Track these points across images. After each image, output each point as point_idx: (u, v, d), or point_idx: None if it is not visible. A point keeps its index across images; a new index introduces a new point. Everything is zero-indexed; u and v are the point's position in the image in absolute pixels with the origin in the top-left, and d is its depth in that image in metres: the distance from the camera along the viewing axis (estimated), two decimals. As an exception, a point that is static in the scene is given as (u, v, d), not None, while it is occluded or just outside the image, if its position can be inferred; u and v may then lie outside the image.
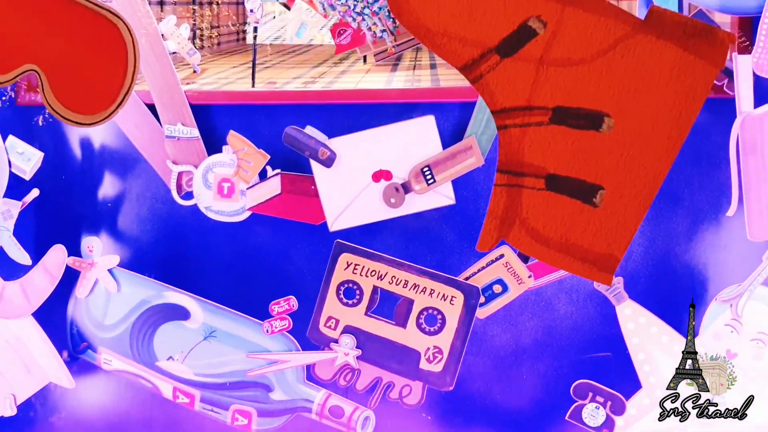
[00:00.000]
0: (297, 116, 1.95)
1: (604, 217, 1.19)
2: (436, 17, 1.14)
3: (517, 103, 1.15)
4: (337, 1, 2.45)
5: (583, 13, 1.09)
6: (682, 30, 1.12)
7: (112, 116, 1.30)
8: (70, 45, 1.25)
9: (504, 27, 1.12)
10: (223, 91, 1.94)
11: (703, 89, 1.12)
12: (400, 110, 1.84)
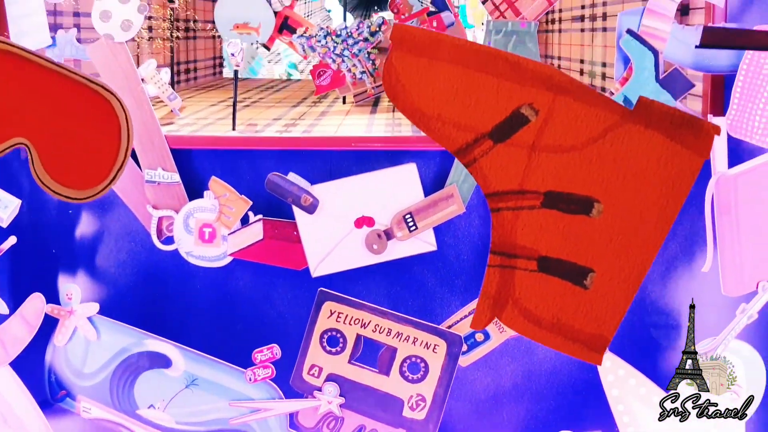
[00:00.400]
0: (279, 161, 1.96)
1: (595, 298, 1.23)
2: (430, 102, 1.16)
3: (510, 187, 1.18)
4: (317, 42, 2.46)
5: (574, 102, 1.13)
6: (669, 121, 1.17)
7: (103, 192, 1.30)
8: (61, 119, 1.24)
9: (497, 113, 1.15)
10: (204, 136, 1.93)
11: (689, 178, 1.16)
12: (382, 157, 1.86)
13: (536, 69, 1.14)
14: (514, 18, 1.74)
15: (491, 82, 1.13)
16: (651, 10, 1.61)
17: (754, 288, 1.54)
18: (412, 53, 1.17)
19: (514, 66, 1.13)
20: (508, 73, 1.13)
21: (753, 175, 1.48)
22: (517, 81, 1.13)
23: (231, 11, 2.31)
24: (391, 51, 1.22)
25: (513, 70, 1.13)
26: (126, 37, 1.90)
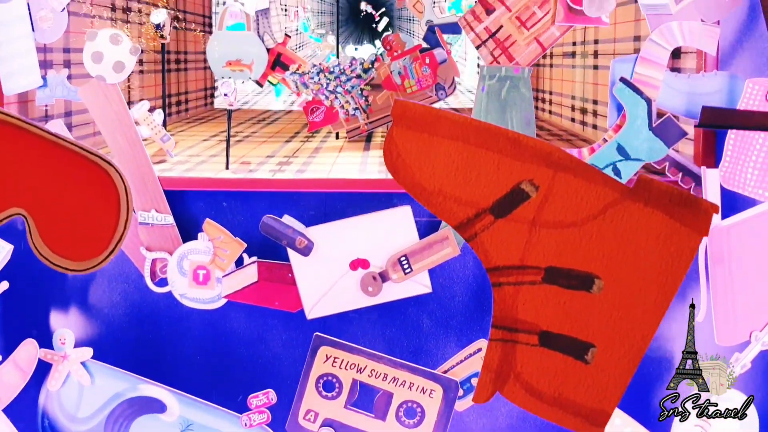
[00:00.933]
0: (273, 203, 1.95)
1: (596, 373, 1.23)
2: (431, 177, 1.17)
3: (511, 262, 1.18)
4: (310, 79, 2.46)
5: (574, 179, 1.13)
6: (668, 198, 1.18)
7: (103, 264, 1.29)
8: (60, 190, 1.24)
9: (497, 189, 1.15)
10: (197, 177, 1.93)
11: (689, 255, 1.18)
12: (377, 199, 1.86)
13: (536, 146, 1.15)
14: (507, 63, 1.75)
15: (492, 158, 1.13)
16: (644, 58, 1.62)
17: (747, 338, 1.56)
18: (413, 129, 1.17)
19: (514, 142, 1.14)
20: (508, 150, 1.14)
21: (746, 226, 1.49)
22: (517, 157, 1.13)
23: (223, 48, 2.31)
24: (391, 127, 1.22)
25: (513, 147, 1.14)
26: (118, 79, 1.88)
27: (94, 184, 1.26)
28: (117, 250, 1.33)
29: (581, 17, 1.69)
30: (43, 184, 1.24)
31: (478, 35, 1.76)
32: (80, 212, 1.26)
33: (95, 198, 1.26)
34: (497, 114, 1.76)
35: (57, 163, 1.23)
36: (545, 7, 1.73)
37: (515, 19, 1.75)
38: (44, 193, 1.24)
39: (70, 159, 1.23)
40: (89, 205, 1.26)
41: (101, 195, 1.26)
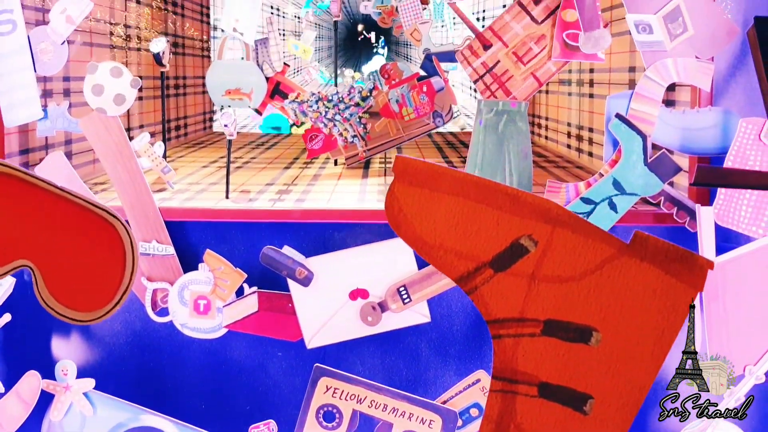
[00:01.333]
0: (273, 233, 1.97)
1: (594, 424, 1.25)
2: (432, 232, 1.18)
3: (511, 314, 1.20)
4: (309, 107, 2.48)
5: (572, 235, 1.16)
6: (664, 255, 1.20)
7: (108, 315, 1.30)
8: (65, 243, 1.25)
9: (497, 243, 1.17)
10: (197, 208, 1.94)
11: (684, 309, 1.20)
12: (376, 229, 1.87)
13: (535, 202, 1.17)
14: (504, 98, 1.77)
15: (491, 214, 1.15)
16: (639, 95, 1.64)
17: (741, 372, 1.58)
18: (414, 185, 1.19)
19: (513, 199, 1.16)
20: (507, 206, 1.16)
21: (740, 263, 1.51)
22: (516, 213, 1.15)
23: (223, 77, 2.32)
24: (393, 182, 1.24)
25: (512, 203, 1.16)
26: (119, 112, 1.90)
27: (100, 237, 1.27)
28: (123, 302, 1.34)
29: (577, 53, 1.71)
30: (49, 237, 1.25)
31: (475, 70, 1.78)
32: (86, 264, 1.27)
33: (101, 250, 1.27)
34: (495, 147, 1.78)
35: (63, 216, 1.24)
36: (542, 42, 1.76)
37: (512, 54, 1.77)
38: (50, 246, 1.25)
39: (76, 212, 1.24)
40: (95, 258, 1.27)
41: (107, 248, 1.27)
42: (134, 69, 2.72)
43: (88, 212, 1.26)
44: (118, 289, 1.31)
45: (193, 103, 3.23)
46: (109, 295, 1.31)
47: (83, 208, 1.26)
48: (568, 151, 2.66)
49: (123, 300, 1.33)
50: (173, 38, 3.13)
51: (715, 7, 1.62)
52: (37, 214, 1.27)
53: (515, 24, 1.77)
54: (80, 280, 1.29)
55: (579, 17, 1.66)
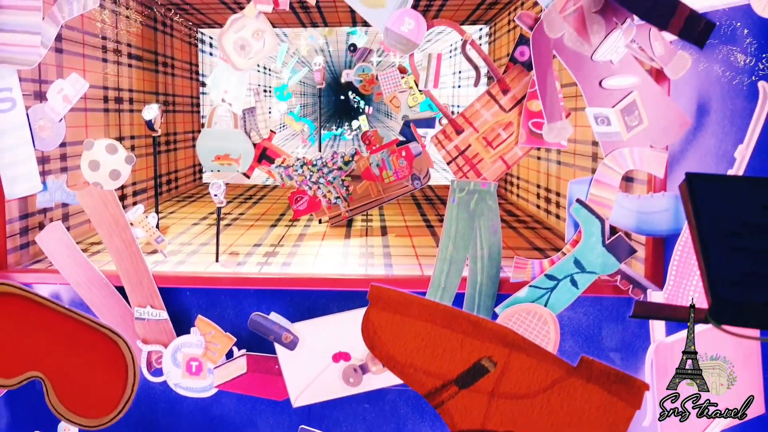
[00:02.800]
0: (260, 298, 2.07)
1: None
2: (403, 352, 1.30)
3: (473, 426, 1.32)
4: (295, 172, 2.58)
5: (527, 358, 1.28)
6: (606, 377, 1.33)
7: (113, 421, 1.41)
8: (73, 358, 1.35)
9: (461, 364, 1.29)
10: (189, 275, 2.03)
11: (624, 425, 1.32)
12: (357, 296, 1.97)
13: (494, 328, 1.29)
14: (475, 178, 1.88)
15: (456, 337, 1.27)
16: (598, 181, 1.76)
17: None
18: (387, 310, 1.31)
19: (474, 325, 1.28)
20: (470, 330, 1.28)
21: (688, 343, 1.64)
22: (477, 337, 1.27)
23: (212, 143, 2.42)
24: (368, 308, 1.36)
25: (474, 328, 1.28)
26: (114, 186, 1.99)
27: (104, 352, 1.37)
28: (125, 410, 1.45)
29: (542, 140, 1.83)
30: (58, 352, 1.35)
31: (448, 152, 1.89)
32: (92, 377, 1.38)
33: (105, 365, 1.38)
34: (466, 223, 1.90)
35: (71, 333, 1.34)
36: (509, 129, 1.87)
37: (482, 139, 1.88)
38: (59, 360, 1.35)
39: (83, 331, 1.35)
40: (100, 371, 1.38)
41: (111, 362, 1.38)
42: (126, 129, 2.81)
43: (94, 331, 1.37)
44: (120, 399, 1.41)
45: (183, 157, 3.32)
46: (113, 404, 1.41)
47: (89, 327, 1.36)
48: (537, 211, 2.79)
49: (126, 409, 1.43)
50: (164, 96, 3.22)
51: (668, 101, 1.75)
52: (47, 332, 1.38)
53: (485, 111, 1.89)
54: (87, 391, 1.39)
55: (543, 109, 1.78)
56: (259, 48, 2.09)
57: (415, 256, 2.17)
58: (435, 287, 1.92)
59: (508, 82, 1.87)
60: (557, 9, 1.73)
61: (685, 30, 1.35)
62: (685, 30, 1.35)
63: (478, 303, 1.93)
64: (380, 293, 1.30)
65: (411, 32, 1.84)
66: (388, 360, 1.26)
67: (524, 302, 1.84)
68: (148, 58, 3.09)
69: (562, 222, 2.48)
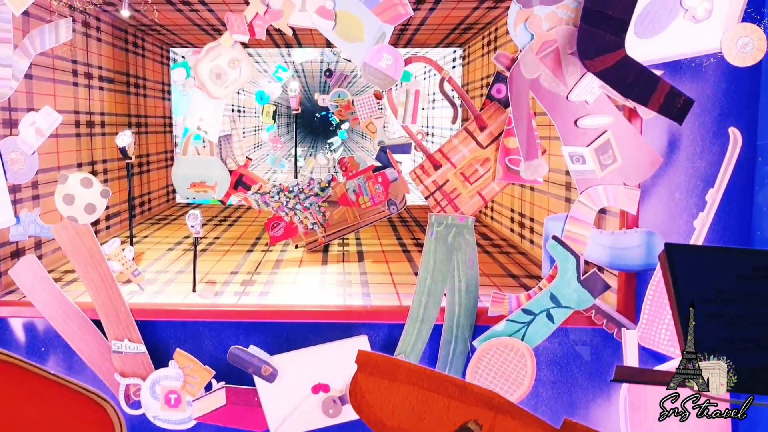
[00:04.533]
0: (239, 330, 2.06)
1: None
2: (391, 415, 1.31)
3: None
4: (271, 198, 2.57)
5: (512, 420, 1.30)
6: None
7: None
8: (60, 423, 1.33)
9: (448, 427, 1.31)
10: (167, 308, 2.01)
11: None
12: (336, 327, 1.98)
13: (479, 392, 1.31)
14: (453, 213, 1.90)
15: (442, 401, 1.29)
16: (573, 218, 1.79)
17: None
18: (375, 375, 1.32)
19: (461, 388, 1.30)
20: (456, 394, 1.30)
21: (660, 379, 1.69)
22: (463, 401, 1.29)
23: (188, 170, 2.39)
24: (356, 372, 1.36)
25: (460, 392, 1.30)
26: (89, 220, 1.96)
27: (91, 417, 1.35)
28: None
29: (518, 176, 1.85)
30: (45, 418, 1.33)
31: (426, 187, 1.91)
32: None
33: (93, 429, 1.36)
34: (444, 256, 1.91)
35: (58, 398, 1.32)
36: (487, 164, 1.89)
37: (460, 174, 1.90)
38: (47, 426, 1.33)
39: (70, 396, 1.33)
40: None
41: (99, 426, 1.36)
42: (99, 153, 2.76)
43: (81, 395, 1.35)
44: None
45: (157, 179, 3.27)
46: (100, 468, 1.40)
47: (76, 392, 1.34)
48: (511, 235, 2.82)
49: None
50: (136, 118, 3.17)
51: (641, 140, 1.78)
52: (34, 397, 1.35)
53: (462, 147, 1.90)
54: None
55: (519, 146, 1.80)
56: (236, 77, 2.07)
57: (392, 284, 2.19)
58: (413, 319, 1.94)
59: (486, 118, 1.89)
60: (533, 50, 1.75)
61: (665, 106, 1.38)
62: (665, 106, 1.38)
63: (455, 334, 1.96)
64: (368, 359, 1.32)
65: (389, 68, 1.84)
66: (376, 424, 1.27)
67: (502, 335, 1.87)
68: (119, 80, 3.04)
69: (536, 248, 2.52)
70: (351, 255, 2.54)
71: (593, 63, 1.36)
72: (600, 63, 1.36)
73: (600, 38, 1.35)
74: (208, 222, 2.92)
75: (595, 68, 1.40)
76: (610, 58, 1.35)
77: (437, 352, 1.96)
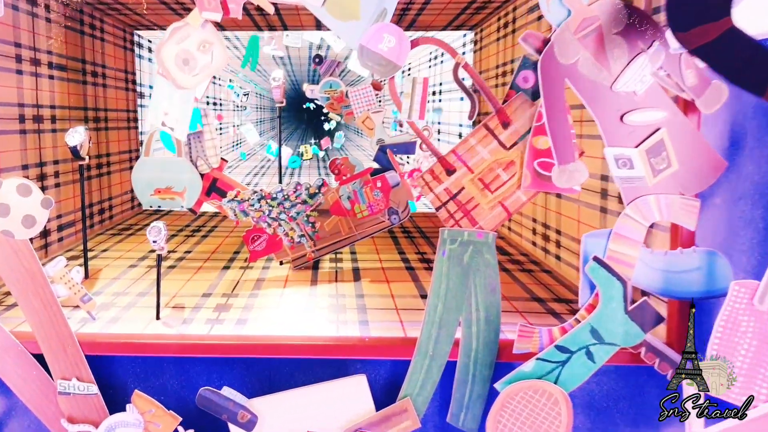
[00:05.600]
0: (210, 367, 1.81)
1: None
2: None
3: None
4: (250, 207, 2.31)
5: None
6: None
7: None
8: None
9: None
10: (125, 341, 1.75)
11: None
12: (328, 364, 1.74)
13: None
14: (470, 227, 1.65)
15: None
16: (618, 234, 1.54)
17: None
18: None
19: None
20: None
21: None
22: None
23: (151, 174, 2.12)
24: None
25: None
26: (29, 235, 1.70)
27: None
28: None
29: (551, 184, 1.60)
30: None
31: (437, 196, 1.65)
32: None
33: None
34: (459, 279, 1.66)
35: None
36: (511, 169, 1.63)
37: (478, 181, 1.64)
38: None
39: None
40: None
41: None
42: (49, 153, 2.47)
43: None
44: None
45: (119, 182, 2.99)
46: None
47: None
48: (533, 249, 2.57)
49: None
50: (94, 112, 2.89)
51: (701, 140, 1.53)
52: None
53: (481, 148, 1.65)
54: None
55: (552, 147, 1.55)
56: (206, 62, 1.82)
57: (395, 310, 1.93)
58: (422, 354, 1.69)
59: (509, 113, 1.63)
60: (571, 29, 1.50)
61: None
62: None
63: (473, 373, 1.71)
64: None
65: (391, 51, 1.58)
66: None
67: (531, 377, 1.62)
68: (73, 68, 2.77)
69: (563, 265, 2.27)
70: (345, 273, 2.28)
71: (688, 36, 1.10)
72: (698, 36, 1.10)
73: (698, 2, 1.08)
74: (178, 233, 2.64)
75: (691, 43, 1.14)
76: (712, 29, 1.09)
77: (450, 395, 1.73)
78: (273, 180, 2.87)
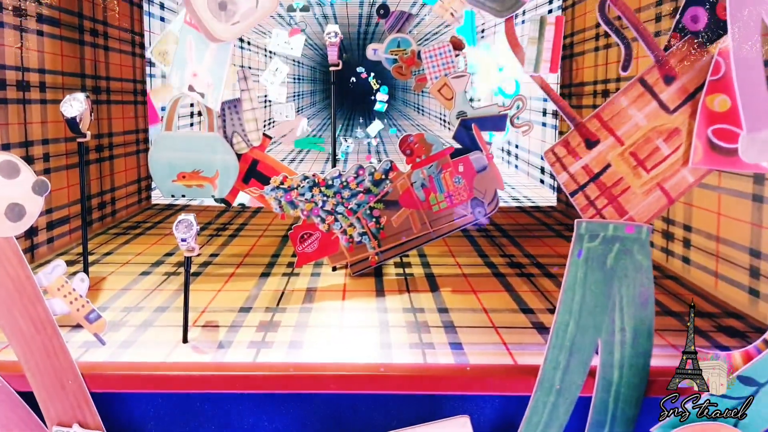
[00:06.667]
0: (257, 405, 1.46)
1: None
2: None
3: None
4: (300, 196, 1.93)
5: None
6: None
7: None
8: None
9: None
10: (143, 372, 1.39)
11: None
12: (415, 401, 1.39)
13: None
14: (616, 218, 1.30)
15: None
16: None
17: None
18: None
19: None
20: None
21: None
22: None
23: (174, 153, 1.73)
24: None
25: None
26: (15, 231, 1.34)
27: None
28: None
29: (727, 159, 1.25)
30: None
31: (573, 176, 1.31)
32: None
33: None
34: (599, 288, 1.32)
35: None
36: (674, 140, 1.29)
37: (630, 156, 1.30)
38: None
39: None
40: None
41: None
42: (37, 129, 2.07)
43: None
44: None
45: (124, 169, 2.59)
46: None
47: None
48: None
49: None
50: (93, 80, 2.50)
51: None
52: None
53: (635, 111, 1.30)
54: None
55: (741, 108, 1.20)
56: (250, 7, 1.48)
57: (492, 328, 1.58)
58: (545, 389, 1.35)
59: (674, 64, 1.29)
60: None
61: None
62: None
63: (612, 413, 1.37)
64: None
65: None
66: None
67: (701, 422, 1.29)
68: (68, 23, 2.41)
69: (693, 269, 1.91)
70: (418, 281, 1.91)
71: None
72: None
73: None
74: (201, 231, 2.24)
75: None
76: None
77: (580, 442, 1.39)
78: (316, 168, 2.47)
